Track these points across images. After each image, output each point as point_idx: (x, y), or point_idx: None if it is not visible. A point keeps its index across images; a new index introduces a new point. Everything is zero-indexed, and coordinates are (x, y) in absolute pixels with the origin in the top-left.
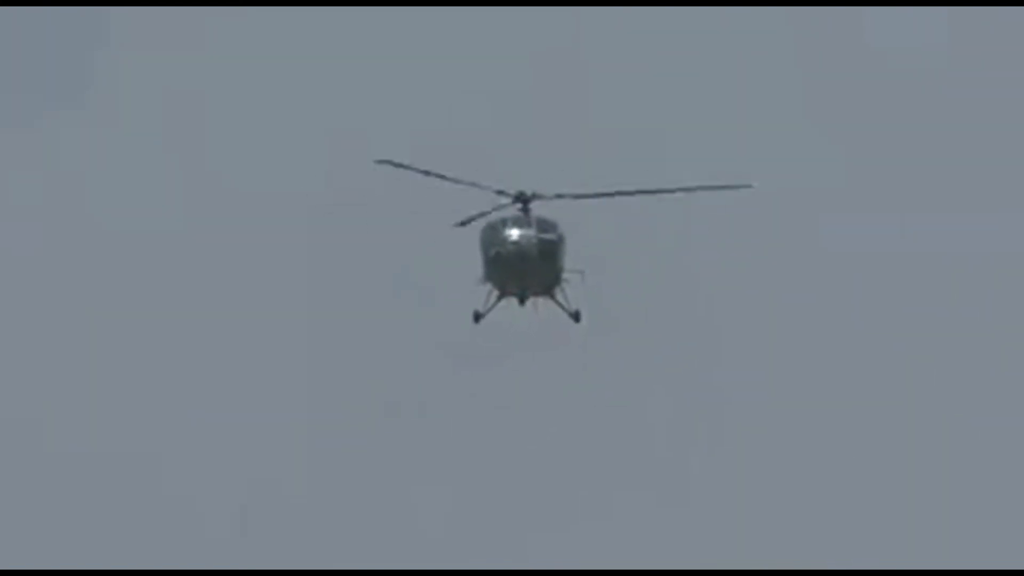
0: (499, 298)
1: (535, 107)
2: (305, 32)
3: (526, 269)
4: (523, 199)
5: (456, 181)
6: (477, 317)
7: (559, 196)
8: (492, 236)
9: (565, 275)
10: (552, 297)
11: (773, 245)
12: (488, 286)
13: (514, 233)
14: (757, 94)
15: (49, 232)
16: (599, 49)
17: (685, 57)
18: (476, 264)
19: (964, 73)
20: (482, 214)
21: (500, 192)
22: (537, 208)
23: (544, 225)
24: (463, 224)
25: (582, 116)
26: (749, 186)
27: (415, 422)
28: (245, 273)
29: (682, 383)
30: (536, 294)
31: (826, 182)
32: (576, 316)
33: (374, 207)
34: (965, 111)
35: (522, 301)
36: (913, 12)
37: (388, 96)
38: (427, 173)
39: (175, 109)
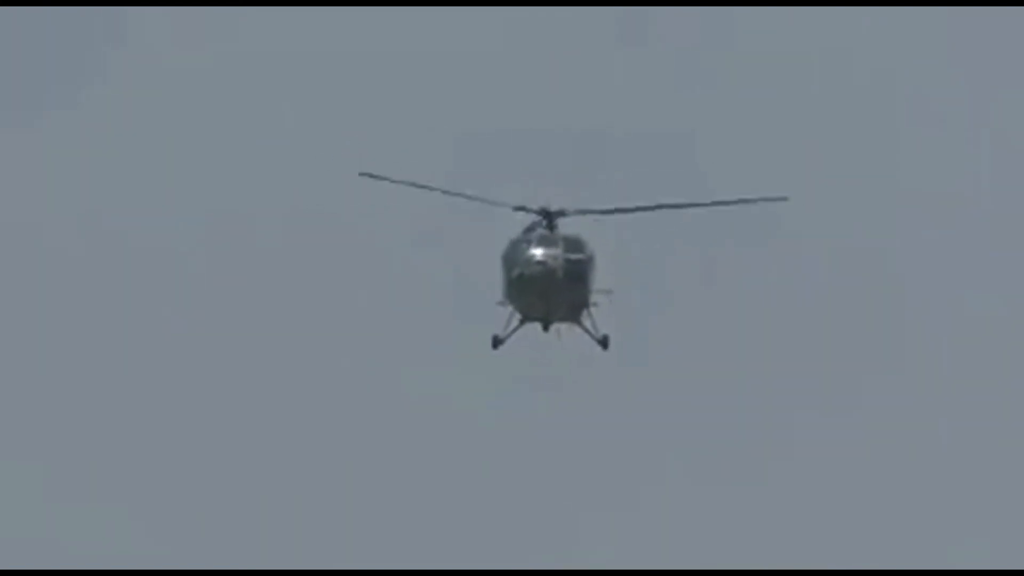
0: (521, 322)
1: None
2: (306, 32)
3: (551, 292)
4: (548, 215)
5: (473, 198)
6: (496, 343)
7: (584, 212)
8: (515, 255)
9: (592, 298)
10: (579, 322)
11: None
12: (509, 308)
13: (539, 252)
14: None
15: (49, 232)
16: (609, 58)
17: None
18: (497, 281)
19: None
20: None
21: (521, 208)
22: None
23: (572, 244)
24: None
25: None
26: (784, 199)
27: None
28: (245, 274)
29: (684, 384)
30: (562, 319)
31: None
32: (604, 342)
33: (377, 209)
34: (965, 110)
35: (546, 327)
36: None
37: (389, 97)
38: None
39: (175, 109)
